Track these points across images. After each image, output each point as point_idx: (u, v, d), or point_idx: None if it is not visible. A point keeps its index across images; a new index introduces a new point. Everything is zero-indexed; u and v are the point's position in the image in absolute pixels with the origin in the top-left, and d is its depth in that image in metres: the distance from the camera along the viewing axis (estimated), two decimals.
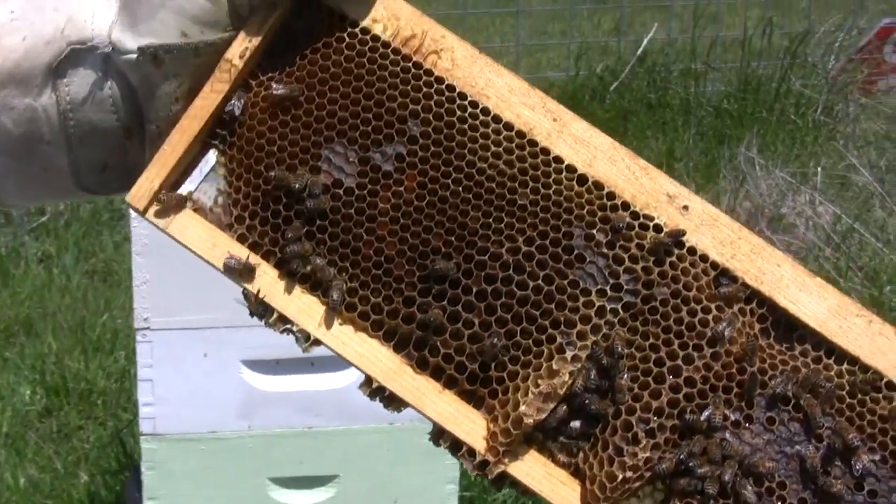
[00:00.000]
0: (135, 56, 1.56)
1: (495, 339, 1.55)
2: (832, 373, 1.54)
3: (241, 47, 1.60)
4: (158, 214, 1.62)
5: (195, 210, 1.63)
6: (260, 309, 1.62)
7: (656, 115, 9.12)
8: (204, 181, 1.65)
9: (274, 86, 1.60)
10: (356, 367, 1.59)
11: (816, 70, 9.71)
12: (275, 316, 1.61)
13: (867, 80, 9.67)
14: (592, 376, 1.53)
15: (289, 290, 1.60)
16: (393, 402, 1.60)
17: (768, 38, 9.67)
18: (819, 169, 8.21)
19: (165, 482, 4.24)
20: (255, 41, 1.60)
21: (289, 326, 1.61)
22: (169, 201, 1.61)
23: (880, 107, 9.48)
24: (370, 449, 4.26)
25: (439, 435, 1.59)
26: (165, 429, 4.19)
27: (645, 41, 9.75)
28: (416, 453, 4.24)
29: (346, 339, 1.59)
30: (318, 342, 1.61)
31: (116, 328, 6.58)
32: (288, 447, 4.24)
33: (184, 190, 1.64)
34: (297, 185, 1.58)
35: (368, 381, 1.60)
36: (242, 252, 1.60)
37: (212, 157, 1.65)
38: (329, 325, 1.59)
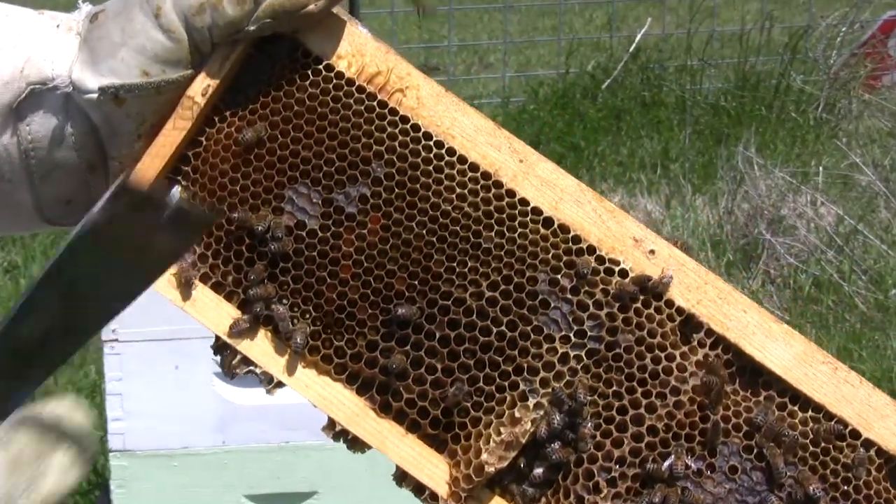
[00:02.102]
0: (95, 95, 1.59)
1: (458, 386, 1.59)
2: (797, 420, 1.58)
3: (204, 84, 1.63)
4: None
5: None
6: (223, 349, 1.66)
7: (651, 114, 9.14)
8: None
9: (242, 133, 1.63)
10: (319, 409, 1.64)
11: (818, 66, 9.73)
12: (238, 357, 1.65)
13: (870, 75, 9.68)
14: (555, 424, 1.57)
15: (253, 331, 1.64)
16: (356, 444, 1.65)
17: (767, 33, 9.69)
18: (820, 168, 8.23)
19: (136, 501, 4.22)
20: (218, 78, 1.62)
21: (252, 368, 1.65)
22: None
23: (884, 103, 9.49)
24: (350, 464, 4.22)
25: (402, 478, 1.64)
26: (136, 445, 4.18)
27: (638, 37, 9.76)
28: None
29: (309, 381, 1.63)
30: (280, 384, 1.65)
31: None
32: (264, 463, 4.23)
33: None
34: (259, 227, 1.61)
35: (331, 423, 1.64)
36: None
37: (175, 193, 1.68)
38: (292, 368, 1.63)
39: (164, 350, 4.12)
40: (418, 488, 1.63)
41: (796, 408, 1.59)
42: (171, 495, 4.25)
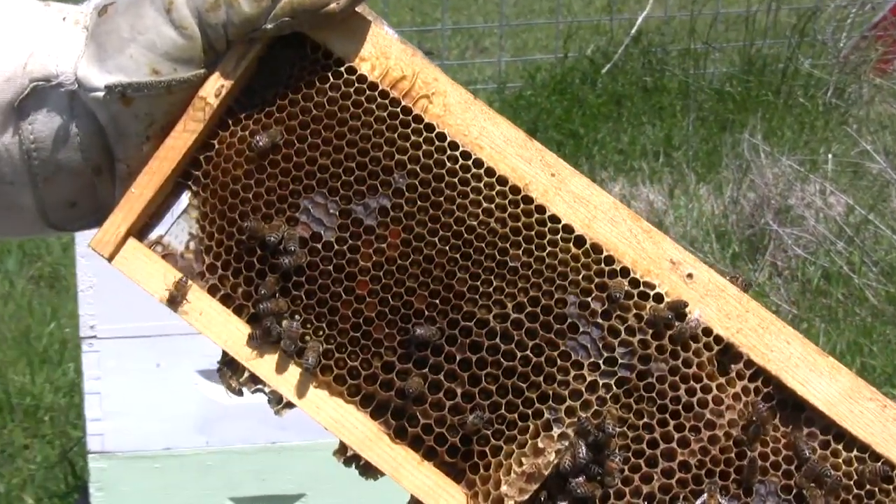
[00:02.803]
0: (102, 94, 1.54)
1: (478, 413, 1.55)
2: (840, 460, 1.54)
3: (217, 84, 1.58)
4: (125, 262, 1.62)
5: (164, 256, 1.62)
6: (231, 366, 1.62)
7: (653, 100, 9.11)
8: (175, 224, 1.64)
9: (255, 138, 1.58)
10: (331, 432, 1.60)
11: (827, 49, 9.69)
12: (245, 375, 1.60)
13: (882, 59, 9.63)
14: (580, 456, 1.53)
15: (261, 348, 1.59)
16: (369, 470, 1.61)
17: (774, 15, 9.64)
18: (830, 156, 8.20)
19: None
20: (232, 78, 1.58)
21: (260, 387, 1.61)
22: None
23: None
24: (339, 466, 4.20)
25: None
26: (115, 446, 4.13)
27: (640, 19, 9.71)
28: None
29: (320, 403, 1.58)
30: (290, 405, 1.60)
31: (65, 338, 6.44)
32: (250, 464, 4.20)
33: (154, 234, 1.63)
34: (272, 238, 1.56)
35: (343, 448, 1.60)
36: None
37: (184, 198, 1.64)
38: (303, 388, 1.58)
39: (145, 347, 4.06)
40: None
41: (840, 446, 1.55)
42: (153, 498, 4.20)
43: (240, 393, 1.64)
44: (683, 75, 9.28)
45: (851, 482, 1.53)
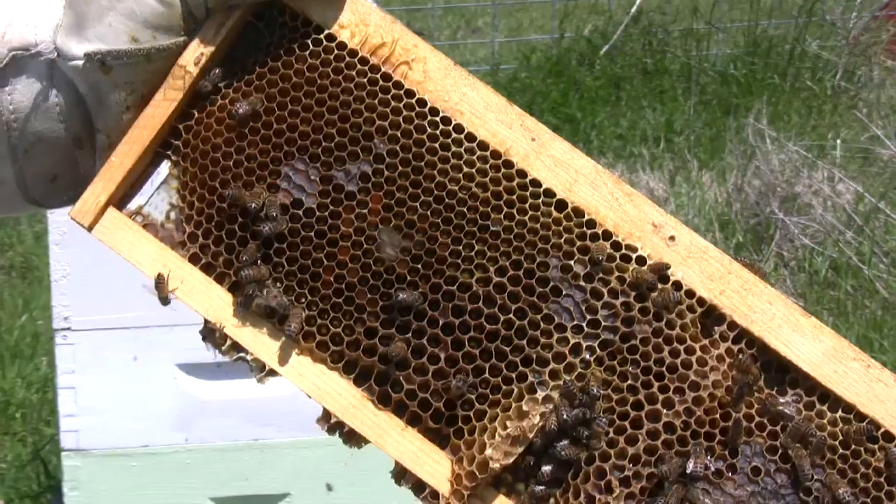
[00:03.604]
0: (81, 63, 1.61)
1: (462, 377, 1.62)
2: (825, 420, 1.61)
3: (197, 52, 1.66)
4: (105, 231, 1.70)
5: (145, 226, 1.70)
6: (212, 335, 1.70)
7: (653, 83, 9.15)
8: (155, 194, 1.72)
9: (236, 106, 1.66)
10: (314, 400, 1.67)
11: (836, 29, 9.73)
12: (228, 343, 1.68)
13: (893, 40, 9.67)
14: (565, 418, 1.61)
15: (244, 316, 1.67)
16: (352, 438, 1.68)
17: None
18: (838, 142, 8.24)
19: None
20: (212, 46, 1.66)
21: (242, 355, 1.68)
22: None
23: None
24: (325, 464, 4.21)
25: (401, 475, 1.66)
26: (90, 443, 4.12)
27: None
28: (374, 466, 4.18)
29: (303, 370, 1.66)
30: (273, 373, 1.68)
31: (37, 331, 6.45)
32: (231, 462, 4.19)
33: (133, 204, 1.71)
34: (253, 205, 1.64)
35: (326, 415, 1.67)
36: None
37: (164, 168, 1.71)
38: (285, 356, 1.66)
39: (122, 339, 4.05)
40: (418, 485, 1.66)
41: (825, 407, 1.62)
42: (130, 498, 4.18)
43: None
44: (685, 57, 9.33)
45: (837, 442, 1.61)
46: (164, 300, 1.69)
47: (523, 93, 8.88)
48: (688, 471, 1.58)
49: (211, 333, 1.69)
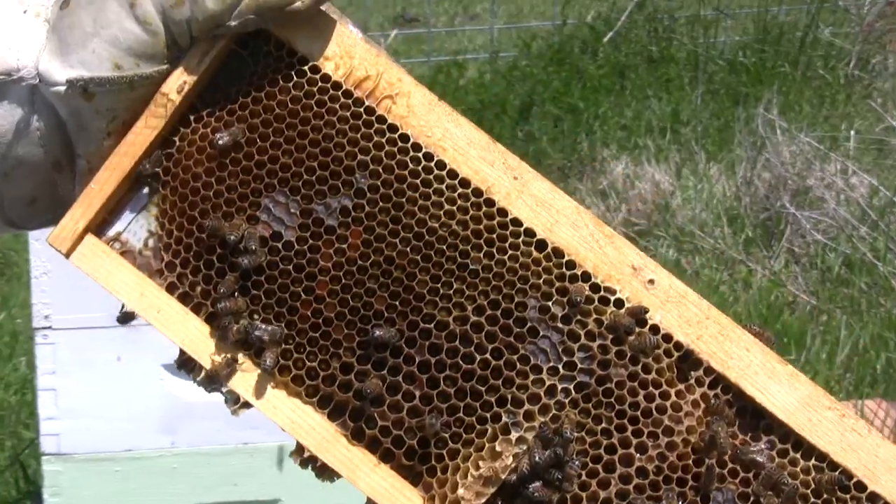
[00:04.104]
0: (63, 88, 1.66)
1: (436, 415, 1.68)
2: (798, 468, 1.67)
3: (180, 81, 1.71)
4: (83, 258, 1.75)
5: (122, 253, 1.76)
6: (188, 365, 1.76)
7: (659, 72, 9.19)
8: (134, 221, 1.77)
9: (217, 135, 1.71)
10: (287, 433, 1.74)
11: (849, 16, 9.75)
12: (202, 374, 1.74)
13: None
14: (537, 460, 1.66)
15: (219, 347, 1.73)
16: (325, 472, 1.74)
17: None
18: (852, 133, 8.28)
19: None
20: (195, 74, 1.71)
21: (217, 386, 1.75)
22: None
23: None
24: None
25: None
26: (72, 447, 4.10)
27: None
28: None
29: (277, 403, 1.72)
30: (247, 405, 1.74)
31: (16, 330, 6.42)
32: (219, 467, 4.19)
33: (112, 230, 1.77)
34: (232, 237, 1.70)
35: (300, 449, 1.73)
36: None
37: (144, 195, 1.77)
38: (260, 388, 1.72)
39: (105, 339, 4.04)
40: None
41: (798, 455, 1.68)
42: None
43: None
44: (692, 44, 9.35)
45: (809, 491, 1.67)
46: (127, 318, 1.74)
47: (523, 82, 8.92)
48: None
49: (187, 363, 1.75)
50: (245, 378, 1.73)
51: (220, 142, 1.71)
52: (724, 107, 8.83)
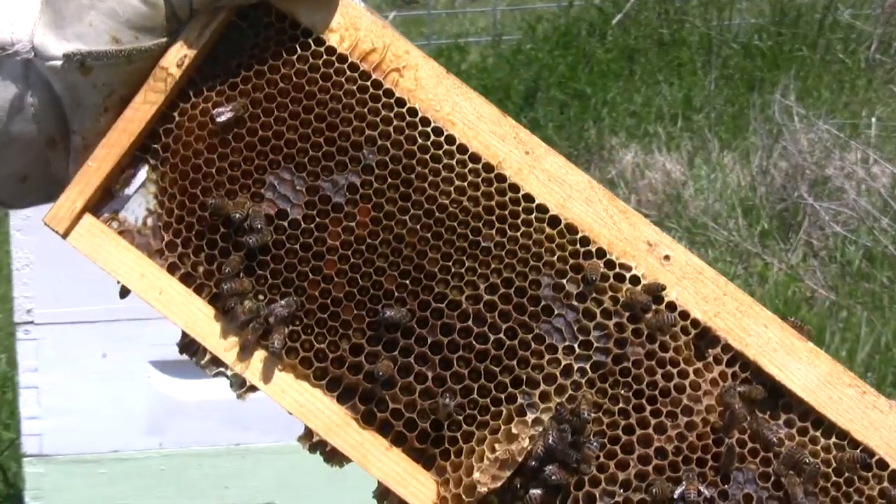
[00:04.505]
0: (59, 63, 1.72)
1: (449, 397, 1.76)
2: (818, 447, 1.75)
3: (180, 54, 1.78)
4: (81, 238, 1.82)
5: (121, 232, 1.83)
6: (191, 348, 1.83)
7: (670, 55, 9.23)
8: (132, 200, 1.84)
9: (217, 111, 1.78)
10: (295, 417, 1.80)
11: None
12: (207, 357, 1.81)
13: None
14: (554, 442, 1.73)
15: (224, 330, 1.80)
16: (334, 457, 1.81)
17: None
18: (873, 119, 8.31)
19: None
20: (195, 48, 1.78)
21: (222, 370, 1.82)
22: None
23: None
24: (310, 471, 4.19)
25: (384, 495, 1.80)
26: (55, 448, 4.12)
27: None
28: (365, 476, 4.15)
29: (285, 386, 1.79)
30: (253, 388, 1.81)
31: None
32: (210, 469, 4.21)
33: (109, 209, 1.84)
34: (236, 216, 1.77)
35: (308, 433, 1.80)
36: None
37: (142, 172, 1.84)
38: (267, 371, 1.79)
39: (90, 334, 4.05)
40: None
41: (819, 433, 1.76)
42: None
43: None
44: (705, 27, 9.40)
45: (830, 469, 1.75)
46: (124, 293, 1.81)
47: (528, 66, 8.97)
48: (677, 496, 1.72)
49: (189, 346, 1.82)
50: (251, 361, 1.80)
51: (221, 117, 1.78)
52: (738, 92, 8.88)
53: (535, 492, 1.76)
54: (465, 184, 1.79)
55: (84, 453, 4.15)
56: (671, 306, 1.77)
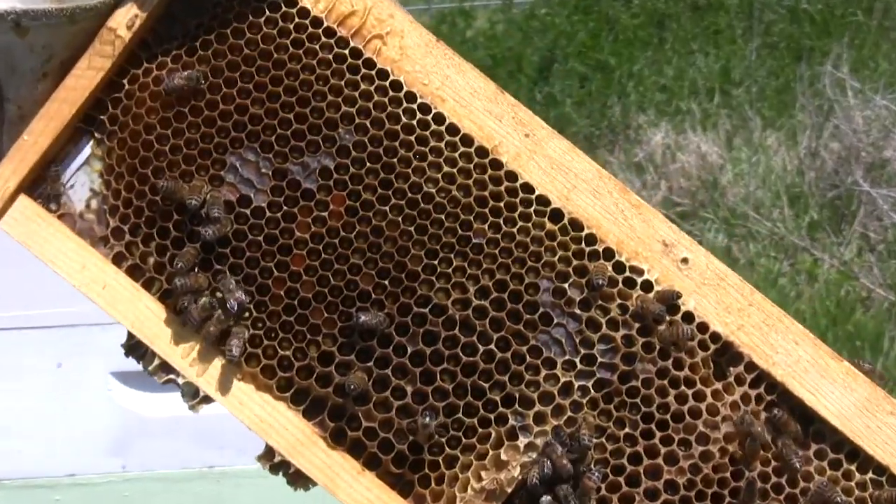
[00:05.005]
0: None
1: (430, 416, 1.73)
2: (853, 483, 1.72)
3: (130, 14, 1.75)
4: (14, 223, 1.79)
5: (61, 216, 1.80)
6: (137, 350, 1.80)
7: (706, 21, 9.20)
8: (74, 179, 1.82)
9: (173, 78, 1.75)
10: (255, 433, 1.77)
11: None
12: (156, 363, 1.79)
13: None
14: (549, 472, 1.70)
15: (176, 332, 1.77)
16: (298, 480, 1.79)
17: None
18: None
19: None
20: (148, 6, 1.75)
21: (172, 377, 1.79)
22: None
23: None
24: (296, 497, 4.11)
25: None
26: (5, 472, 4.09)
27: None
28: None
29: (243, 398, 1.77)
30: (208, 399, 1.79)
31: None
32: (180, 495, 4.19)
33: (47, 189, 1.81)
34: (192, 202, 1.74)
35: (269, 452, 1.78)
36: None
37: (86, 148, 1.81)
38: (224, 380, 1.77)
39: (44, 342, 4.02)
40: None
41: (854, 467, 1.73)
42: None
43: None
44: None
45: None
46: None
47: (543, 34, 8.94)
48: None
49: (135, 349, 1.80)
50: (206, 367, 1.77)
51: (173, 83, 1.75)
52: (783, 63, 8.85)
53: None
54: (455, 170, 1.76)
55: (37, 477, 4.11)
56: (688, 317, 1.75)
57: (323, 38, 1.77)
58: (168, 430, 4.07)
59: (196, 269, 1.76)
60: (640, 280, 1.75)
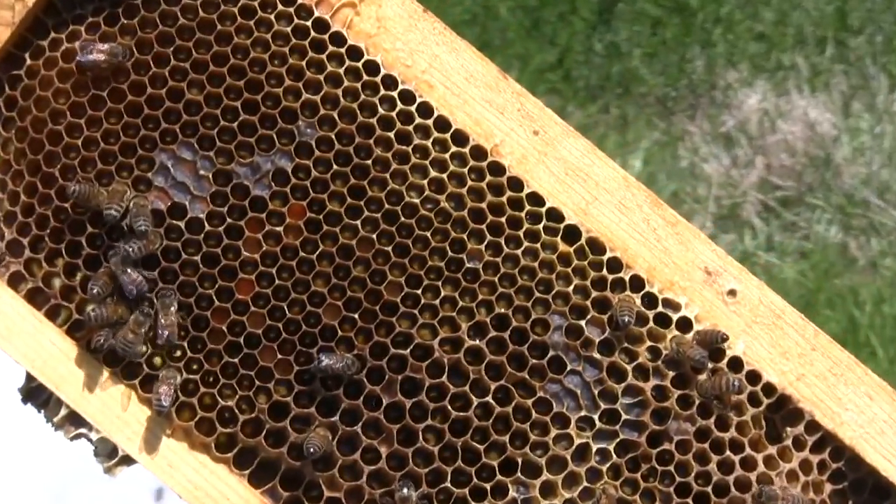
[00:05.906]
0: None
1: (409, 487, 1.77)
2: None
3: None
4: None
5: None
6: (38, 397, 1.84)
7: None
8: None
9: (90, 51, 1.78)
10: None
11: None
12: (62, 413, 1.81)
13: None
14: None
15: (89, 374, 1.80)
16: None
17: None
18: None
19: None
20: None
21: (83, 431, 1.82)
22: None
23: None
24: None
25: None
26: None
27: None
28: None
29: (173, 459, 1.80)
30: (129, 461, 1.82)
31: None
32: None
33: None
34: (111, 211, 1.76)
35: None
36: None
37: None
38: (150, 437, 1.80)
39: None
40: None
41: None
42: None
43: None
44: None
45: None
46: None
47: None
48: None
49: (35, 394, 1.83)
50: (127, 420, 1.80)
51: (88, 59, 1.78)
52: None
53: None
54: (445, 175, 1.80)
55: None
56: (736, 364, 1.78)
57: (280, 6, 1.81)
58: (118, 478, 4.07)
59: (114, 297, 1.79)
60: (675, 317, 1.79)
